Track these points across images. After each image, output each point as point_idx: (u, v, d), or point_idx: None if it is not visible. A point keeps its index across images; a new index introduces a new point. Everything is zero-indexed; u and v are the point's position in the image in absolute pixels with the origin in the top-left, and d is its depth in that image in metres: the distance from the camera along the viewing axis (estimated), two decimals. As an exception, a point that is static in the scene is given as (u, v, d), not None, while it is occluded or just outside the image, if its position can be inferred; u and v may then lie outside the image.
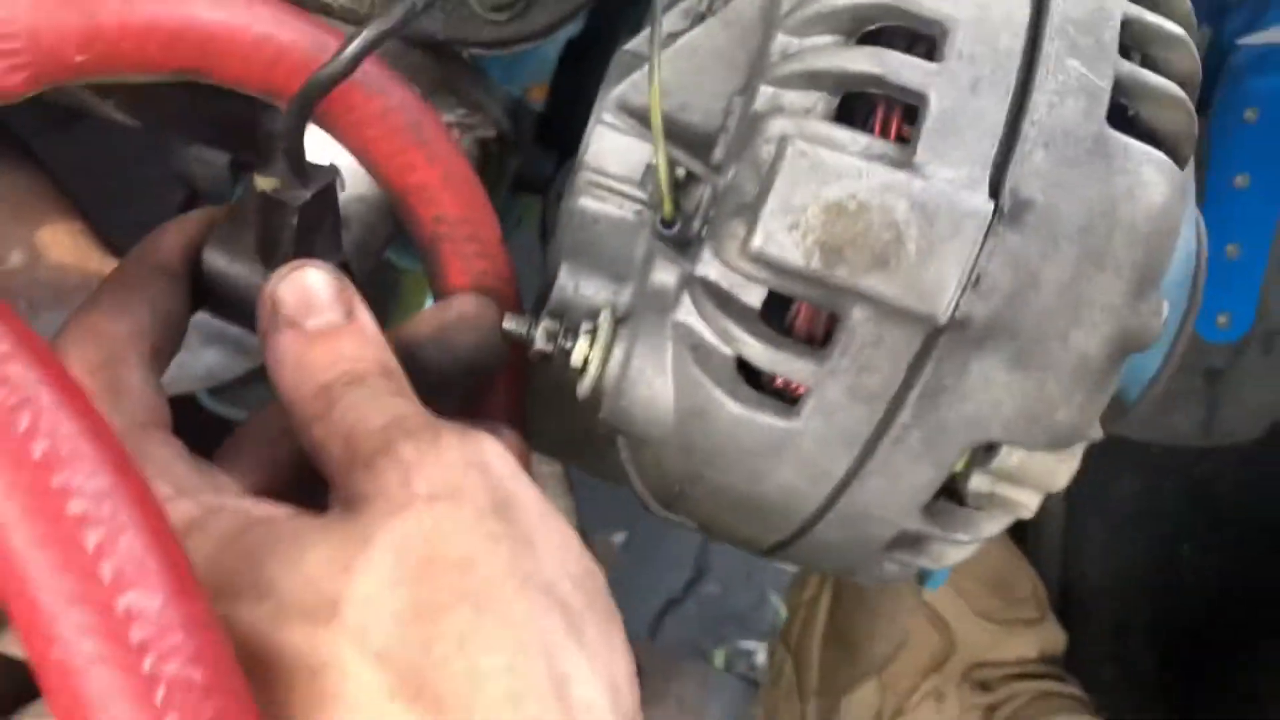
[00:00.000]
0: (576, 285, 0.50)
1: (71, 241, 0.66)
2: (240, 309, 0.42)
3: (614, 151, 0.50)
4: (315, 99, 0.38)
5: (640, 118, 0.49)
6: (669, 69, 0.48)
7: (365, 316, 0.39)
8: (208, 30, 0.39)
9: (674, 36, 0.49)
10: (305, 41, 0.40)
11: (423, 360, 0.43)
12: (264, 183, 0.40)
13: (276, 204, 0.41)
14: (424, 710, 0.29)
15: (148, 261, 0.42)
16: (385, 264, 0.71)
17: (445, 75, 0.60)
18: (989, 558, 0.92)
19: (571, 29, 0.63)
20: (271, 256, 0.42)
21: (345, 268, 0.43)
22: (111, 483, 0.27)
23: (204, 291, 0.43)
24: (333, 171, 0.43)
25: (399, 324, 0.47)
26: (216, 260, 0.42)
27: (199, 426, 0.43)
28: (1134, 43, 0.43)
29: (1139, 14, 0.43)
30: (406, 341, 0.44)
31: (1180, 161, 0.43)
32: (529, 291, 0.53)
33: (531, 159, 0.80)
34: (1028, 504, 0.47)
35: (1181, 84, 0.44)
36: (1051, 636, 0.89)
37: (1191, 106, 0.43)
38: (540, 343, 0.46)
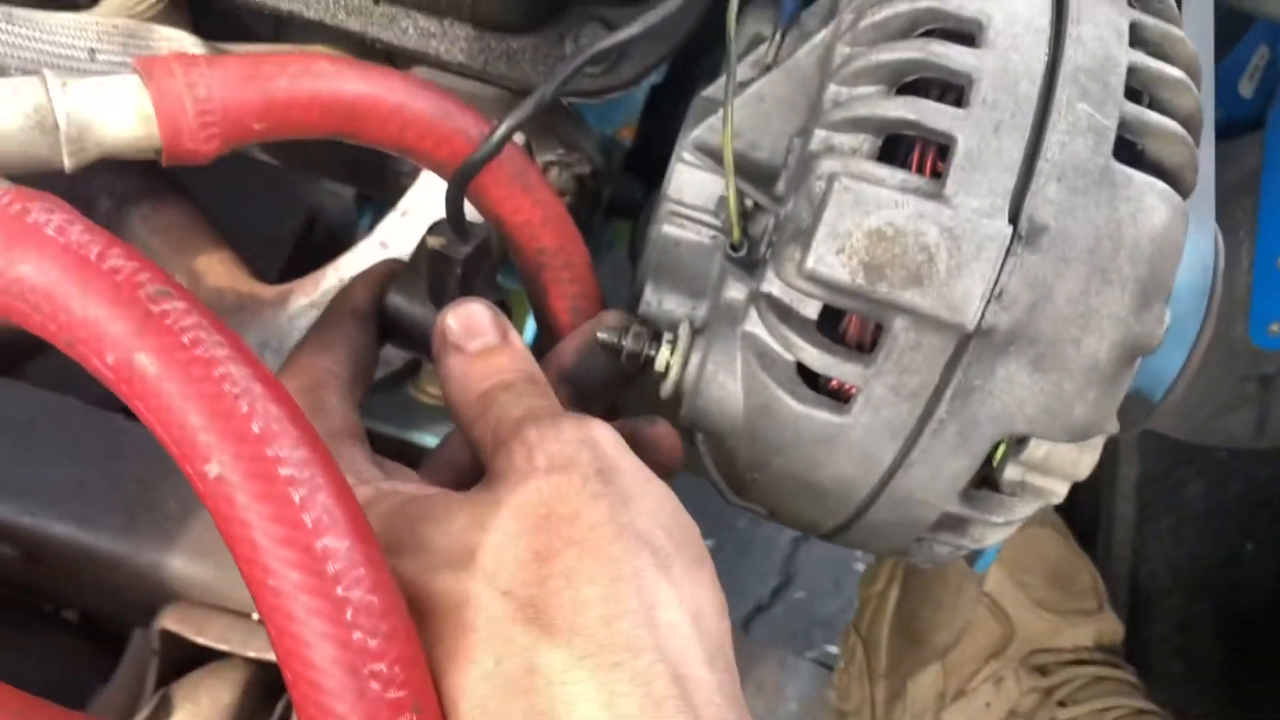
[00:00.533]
0: (660, 301, 0.58)
1: (223, 268, 0.76)
2: (417, 341, 0.53)
3: (692, 185, 0.58)
4: (469, 178, 0.48)
5: (715, 156, 0.57)
6: (740, 113, 0.56)
7: (515, 339, 0.49)
8: (355, 102, 0.48)
9: (744, 85, 0.58)
10: (431, 109, 0.49)
11: (569, 375, 0.54)
12: (433, 241, 0.51)
13: (443, 258, 0.51)
14: (539, 630, 0.38)
15: (344, 308, 0.54)
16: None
17: (547, 120, 0.68)
18: (1049, 552, 0.97)
19: (655, 77, 0.71)
20: (441, 298, 0.52)
21: (500, 304, 0.52)
22: (309, 455, 0.36)
23: (388, 329, 0.54)
24: (486, 229, 0.52)
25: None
26: (398, 304, 0.53)
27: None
28: (1141, 86, 0.50)
29: (1144, 61, 0.49)
30: (557, 364, 0.54)
31: (1183, 189, 0.50)
32: (621, 305, 0.61)
33: (622, 188, 0.89)
34: (1056, 490, 0.54)
35: (1184, 121, 0.50)
36: (1109, 627, 0.94)
37: (1192, 141, 0.49)
38: (630, 350, 0.54)
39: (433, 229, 0.52)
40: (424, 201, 0.68)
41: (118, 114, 0.44)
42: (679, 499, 0.45)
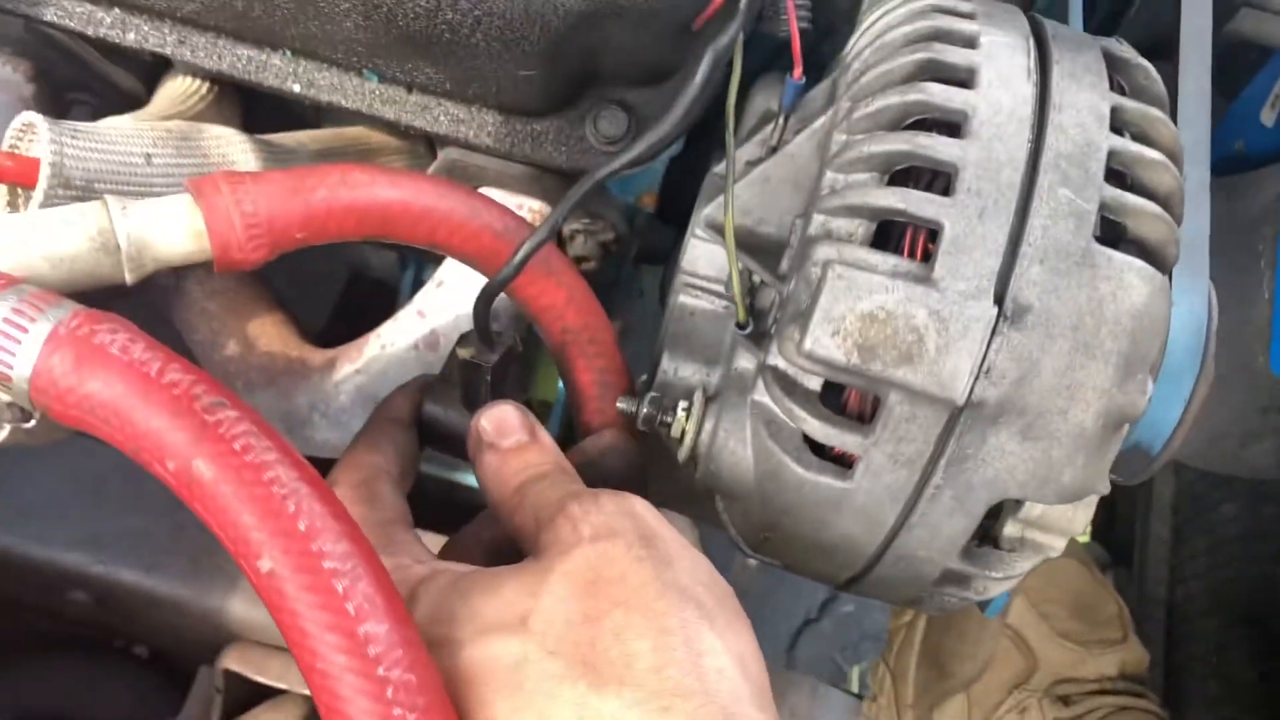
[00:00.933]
0: (676, 369, 0.62)
1: (275, 331, 0.81)
2: (454, 444, 0.58)
3: (705, 258, 0.62)
4: (494, 297, 0.53)
5: (724, 233, 0.60)
6: (748, 192, 0.60)
7: (544, 435, 0.53)
8: (388, 207, 0.52)
9: (751, 165, 0.61)
10: (459, 209, 0.54)
11: (587, 473, 0.58)
12: (463, 352, 0.55)
13: (473, 366, 0.55)
14: (590, 684, 0.41)
15: (387, 416, 0.59)
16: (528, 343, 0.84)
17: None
18: (1072, 584, 0.99)
19: (673, 149, 0.75)
20: (473, 403, 0.57)
21: (527, 403, 0.57)
22: (350, 548, 0.41)
23: (428, 433, 0.59)
24: (511, 336, 0.57)
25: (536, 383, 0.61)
26: (434, 411, 0.58)
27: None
28: (1122, 167, 0.53)
29: (1124, 145, 0.52)
30: (576, 460, 0.58)
31: (1165, 263, 0.53)
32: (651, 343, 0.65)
33: (652, 235, 0.93)
34: (1054, 545, 0.57)
35: (1165, 199, 0.53)
36: (1134, 656, 0.95)
37: (1170, 218, 0.52)
38: (646, 419, 0.58)
39: (462, 340, 0.57)
40: (459, 272, 0.72)
41: (173, 232, 0.49)
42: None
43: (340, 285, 1.14)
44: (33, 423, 0.45)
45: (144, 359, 0.43)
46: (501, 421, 0.53)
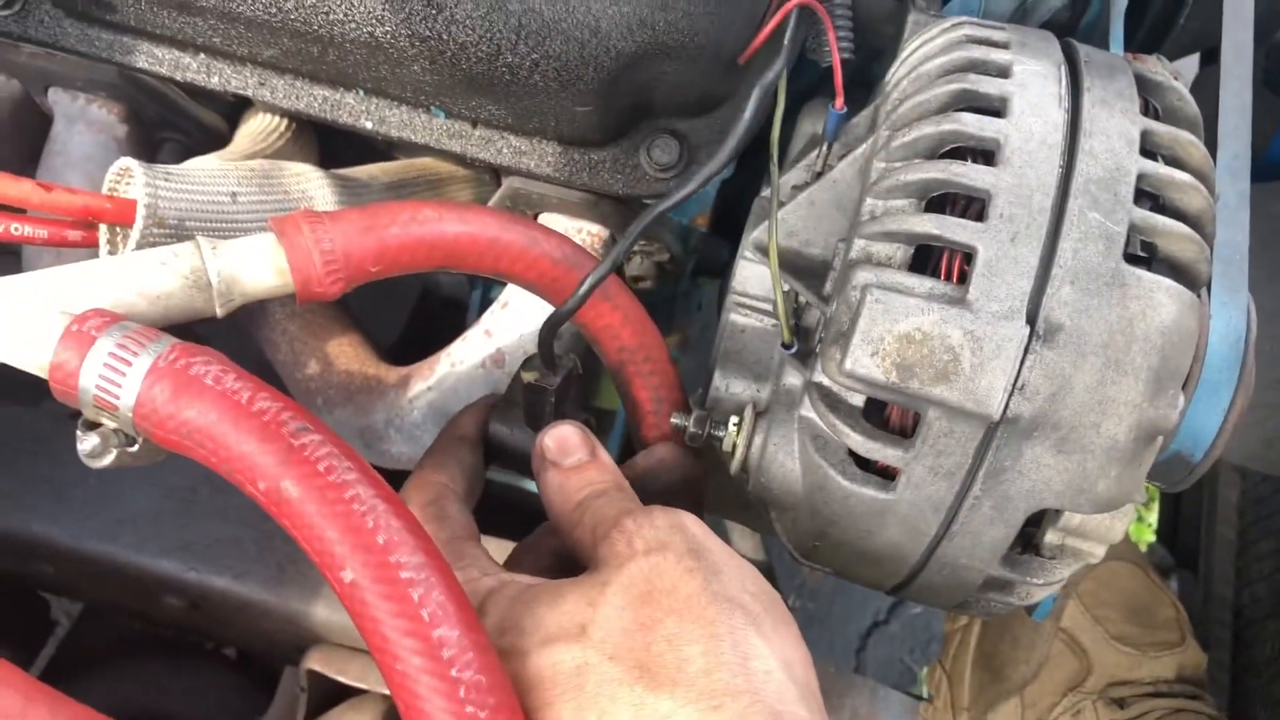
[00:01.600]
0: (728, 385, 0.65)
1: (353, 351, 0.86)
2: (518, 461, 0.62)
3: (754, 278, 0.65)
4: (558, 326, 0.58)
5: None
6: (795, 215, 0.63)
7: (603, 454, 0.57)
8: (455, 240, 0.56)
9: (797, 189, 0.64)
10: (520, 240, 0.57)
11: (639, 489, 0.61)
12: (527, 375, 0.59)
13: (537, 389, 0.59)
14: (646, 686, 0.45)
15: (454, 434, 0.63)
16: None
17: (628, 216, 0.76)
18: (1127, 586, 1.00)
19: (725, 174, 0.78)
20: (537, 423, 0.60)
21: (587, 423, 0.60)
22: (425, 559, 0.45)
23: (493, 451, 0.63)
24: (571, 359, 0.61)
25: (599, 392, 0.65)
26: (499, 430, 0.63)
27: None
28: (1153, 189, 0.55)
29: (1154, 169, 0.54)
30: (636, 472, 0.63)
31: (1196, 281, 0.55)
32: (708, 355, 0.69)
33: (710, 248, 0.96)
34: (1094, 552, 0.59)
35: (1195, 218, 0.55)
36: (1191, 659, 0.96)
37: (1201, 238, 0.54)
38: (698, 435, 0.61)
39: (526, 364, 0.61)
40: (522, 294, 0.76)
41: (258, 269, 0.53)
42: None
43: (412, 302, 1.19)
44: (136, 447, 0.50)
45: (235, 388, 0.47)
46: (563, 441, 0.57)
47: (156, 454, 0.51)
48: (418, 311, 1.17)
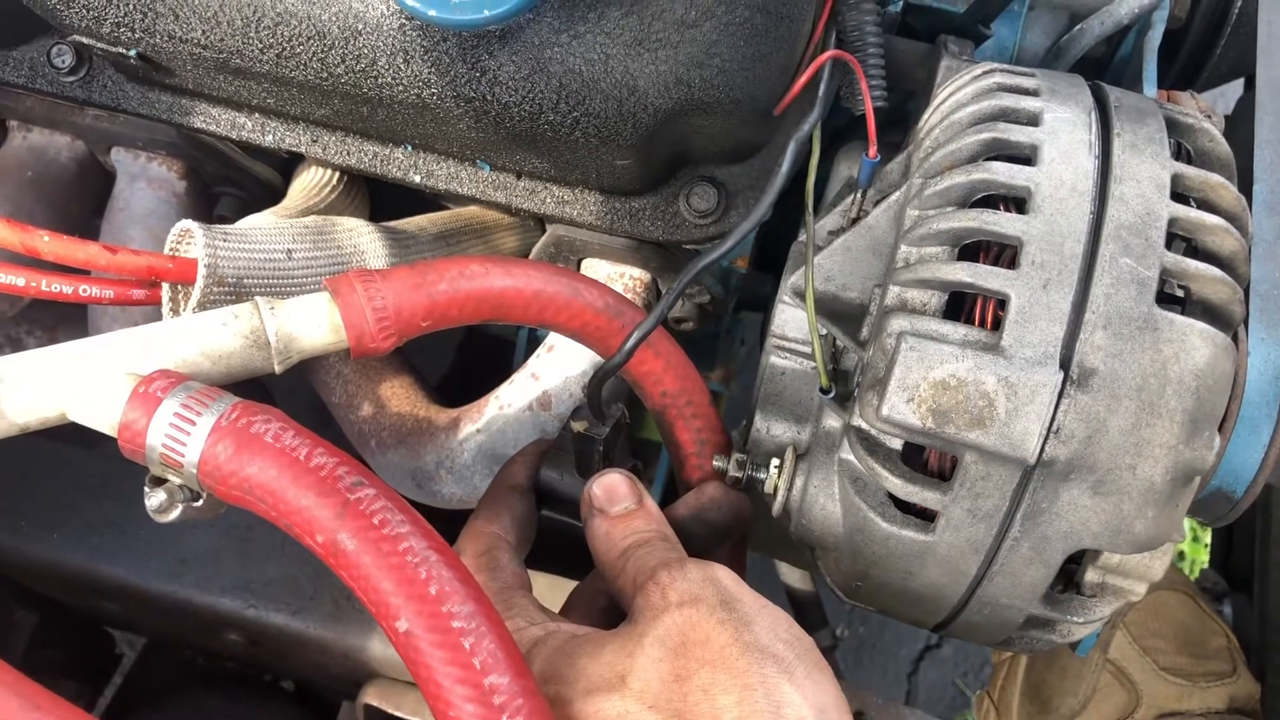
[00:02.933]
0: (769, 427, 0.66)
1: (405, 393, 0.88)
2: (569, 507, 0.64)
3: (793, 321, 0.66)
4: (606, 379, 0.59)
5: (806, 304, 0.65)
6: (831, 260, 0.64)
7: (650, 502, 0.58)
8: (502, 294, 0.58)
9: (833, 235, 0.66)
10: (563, 291, 0.59)
11: (688, 528, 0.63)
12: (577, 425, 0.62)
13: (586, 438, 0.61)
14: None
15: (505, 484, 0.65)
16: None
17: (669, 260, 0.78)
18: (1176, 616, 0.99)
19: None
20: (586, 471, 0.62)
21: (635, 469, 0.62)
22: (475, 608, 0.46)
23: (544, 498, 0.65)
24: (620, 409, 0.63)
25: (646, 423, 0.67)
26: (550, 476, 0.65)
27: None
28: (1184, 233, 0.56)
29: (1184, 212, 0.55)
30: (678, 516, 0.64)
31: (1230, 322, 0.55)
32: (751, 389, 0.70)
33: (752, 283, 0.97)
34: (1135, 590, 0.59)
35: (1227, 261, 0.56)
36: (1244, 689, 0.95)
37: (1233, 280, 0.55)
38: (739, 478, 0.63)
39: (575, 414, 0.63)
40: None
41: (314, 328, 0.55)
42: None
43: (459, 339, 1.22)
44: (200, 501, 0.52)
45: (294, 445, 0.49)
46: (611, 489, 0.58)
47: (219, 507, 0.53)
48: (465, 349, 1.20)
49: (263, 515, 0.50)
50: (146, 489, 0.52)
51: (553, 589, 0.76)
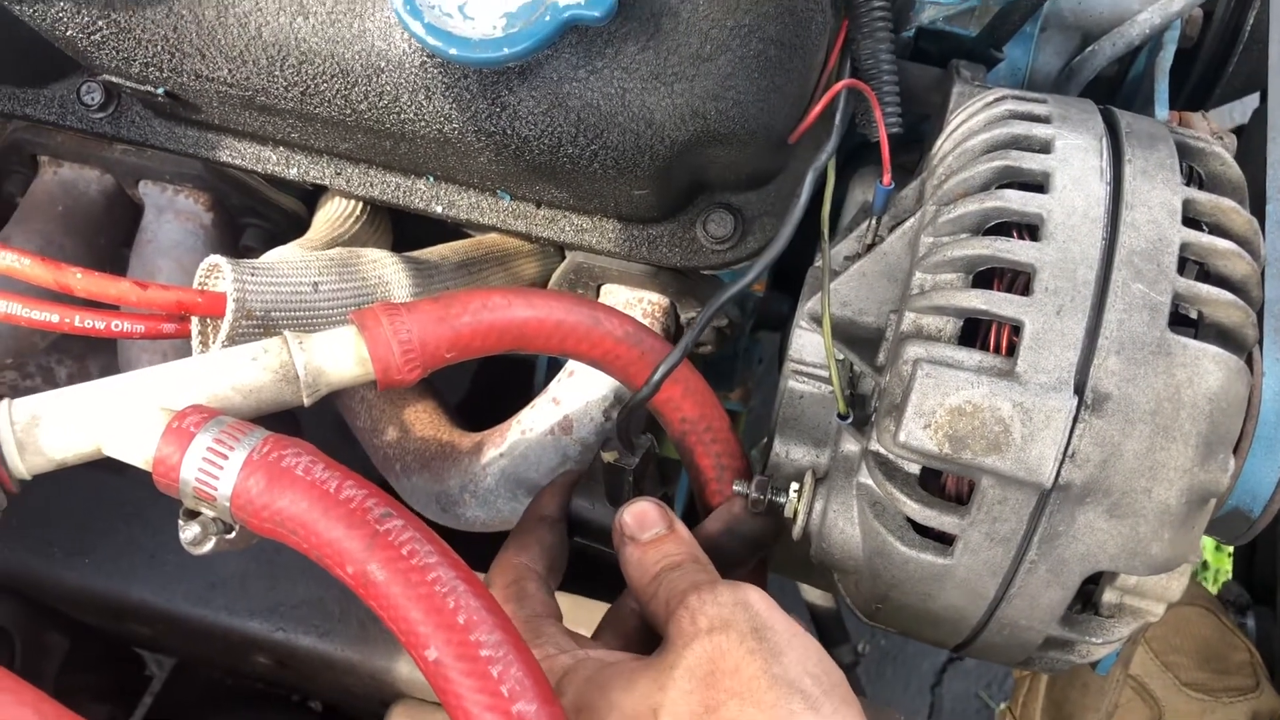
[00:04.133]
0: (788, 451, 0.67)
1: (429, 417, 0.89)
2: (600, 535, 0.65)
3: (810, 346, 0.67)
4: (633, 411, 0.60)
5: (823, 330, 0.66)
6: (847, 286, 0.65)
7: (680, 527, 0.59)
8: (524, 324, 0.59)
9: (849, 260, 0.67)
10: (583, 320, 0.60)
11: (720, 543, 0.64)
12: (607, 456, 0.63)
13: (616, 469, 0.62)
14: None
15: (536, 515, 0.66)
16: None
17: (687, 285, 0.79)
18: (1198, 632, 0.99)
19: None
20: (617, 500, 0.64)
21: (665, 497, 0.63)
22: (503, 637, 0.47)
23: (576, 526, 0.66)
24: (649, 440, 0.64)
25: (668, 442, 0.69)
26: (582, 506, 0.67)
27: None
28: (1196, 257, 0.56)
29: (1196, 237, 0.56)
30: (710, 532, 0.64)
31: (1243, 344, 0.56)
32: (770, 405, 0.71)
33: (768, 302, 0.98)
34: (1153, 611, 0.60)
35: (1239, 284, 0.56)
36: (1266, 704, 0.95)
37: (1245, 303, 0.55)
38: (759, 501, 0.64)
39: (606, 444, 0.64)
40: (588, 363, 0.79)
41: (342, 361, 0.57)
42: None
43: (479, 359, 1.23)
44: (233, 534, 0.54)
45: (324, 478, 0.51)
46: (642, 516, 0.59)
47: (251, 539, 0.55)
48: (485, 369, 1.21)
49: (294, 547, 0.51)
50: (180, 522, 0.53)
51: (581, 609, 0.77)
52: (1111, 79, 0.86)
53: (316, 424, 0.93)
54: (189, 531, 0.53)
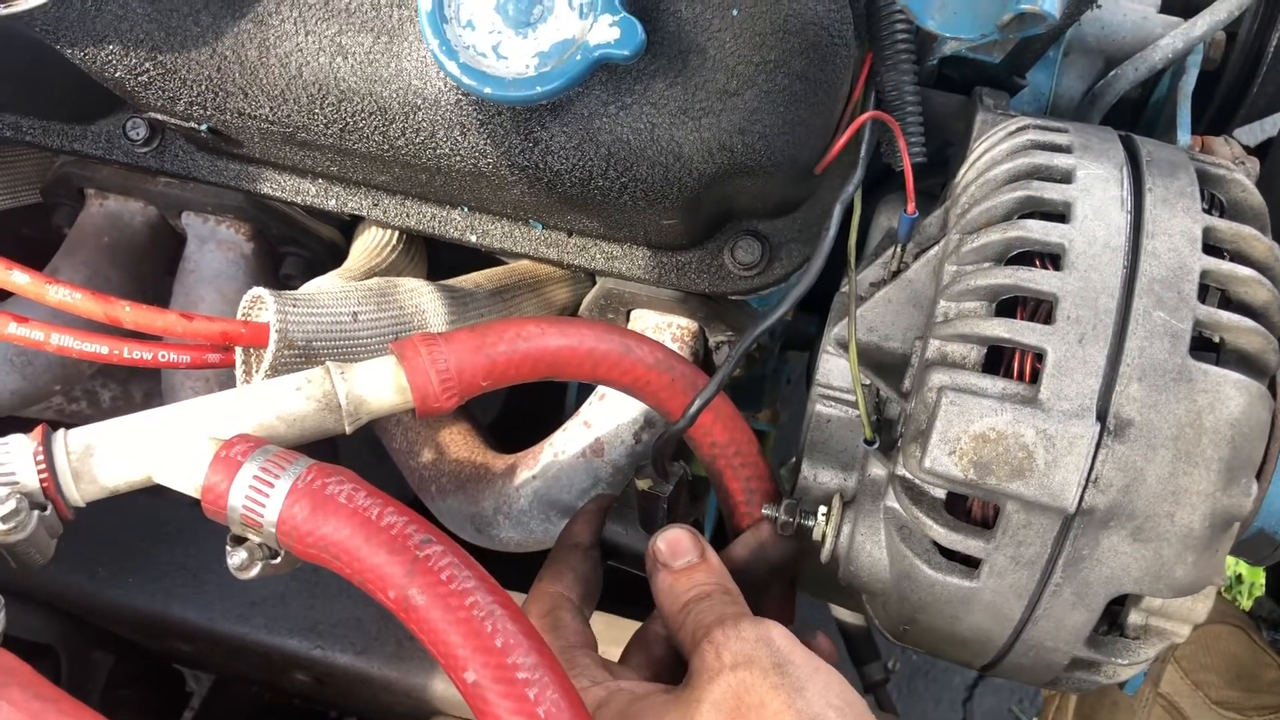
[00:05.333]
0: (815, 474, 0.68)
1: (463, 439, 0.91)
2: (634, 561, 0.67)
3: (837, 370, 0.69)
4: (671, 442, 0.62)
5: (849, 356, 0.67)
6: (873, 312, 0.67)
7: (712, 555, 0.61)
8: (557, 353, 0.61)
9: (875, 287, 0.68)
10: (615, 348, 0.62)
11: (747, 566, 0.65)
12: (641, 484, 0.64)
13: (650, 496, 0.64)
14: None
15: (569, 542, 0.68)
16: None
17: (716, 310, 0.80)
18: (1228, 650, 0.99)
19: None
20: (650, 526, 0.65)
21: (696, 523, 0.65)
22: (539, 660, 0.49)
23: (610, 551, 0.67)
24: (682, 467, 0.65)
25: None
26: (615, 531, 0.68)
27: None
28: (1217, 285, 0.57)
29: (1216, 265, 0.57)
30: (737, 556, 0.66)
31: (1265, 370, 0.57)
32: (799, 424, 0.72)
33: (796, 323, 1.00)
34: (1178, 632, 0.60)
35: (1260, 311, 0.57)
36: (1299, 722, 0.95)
37: (1266, 329, 0.56)
38: (788, 525, 0.65)
39: (639, 472, 0.66)
40: (619, 387, 0.81)
41: (382, 390, 0.59)
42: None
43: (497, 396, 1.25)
44: (279, 559, 0.55)
45: (366, 505, 0.52)
46: (675, 544, 0.61)
47: (294, 564, 0.57)
48: (518, 391, 1.23)
49: (337, 571, 0.53)
50: (228, 548, 0.55)
51: (613, 628, 0.79)
52: (1135, 102, 0.87)
53: (350, 442, 0.96)
54: (236, 557, 0.55)
